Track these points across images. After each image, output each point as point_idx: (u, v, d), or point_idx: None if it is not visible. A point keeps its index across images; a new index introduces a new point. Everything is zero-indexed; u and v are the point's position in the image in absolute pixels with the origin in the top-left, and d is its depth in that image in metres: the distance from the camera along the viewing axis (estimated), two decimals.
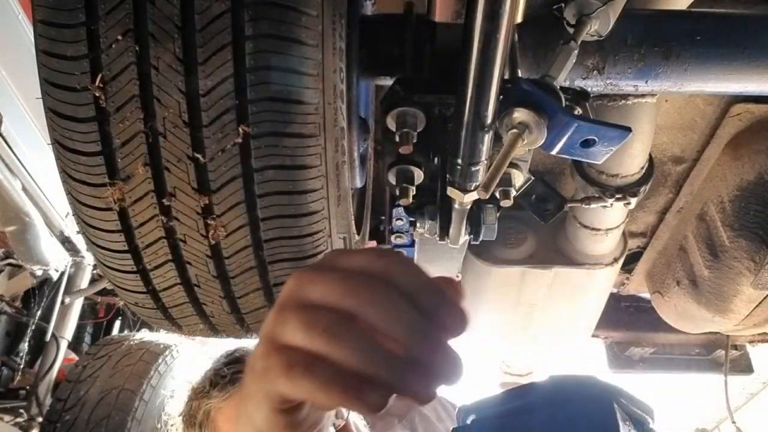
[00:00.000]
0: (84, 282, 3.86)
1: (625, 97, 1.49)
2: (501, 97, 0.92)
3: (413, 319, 0.46)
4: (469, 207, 1.34)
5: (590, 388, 0.52)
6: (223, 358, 1.38)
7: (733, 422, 3.36)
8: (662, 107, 1.83)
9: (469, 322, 0.48)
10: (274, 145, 0.86)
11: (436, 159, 1.23)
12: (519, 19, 0.89)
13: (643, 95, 1.48)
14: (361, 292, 0.47)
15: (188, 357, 3.14)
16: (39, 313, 3.48)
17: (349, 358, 0.45)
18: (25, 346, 3.42)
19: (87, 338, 4.58)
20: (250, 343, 1.41)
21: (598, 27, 1.08)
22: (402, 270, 0.49)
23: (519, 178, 1.24)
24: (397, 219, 1.98)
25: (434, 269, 2.31)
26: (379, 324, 0.46)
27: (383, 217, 2.21)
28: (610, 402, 0.50)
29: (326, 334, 0.46)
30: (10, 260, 3.32)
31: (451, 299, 0.48)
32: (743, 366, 3.38)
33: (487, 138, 0.99)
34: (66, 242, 3.34)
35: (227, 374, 1.32)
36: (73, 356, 3.90)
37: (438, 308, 0.47)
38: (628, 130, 0.91)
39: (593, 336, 3.25)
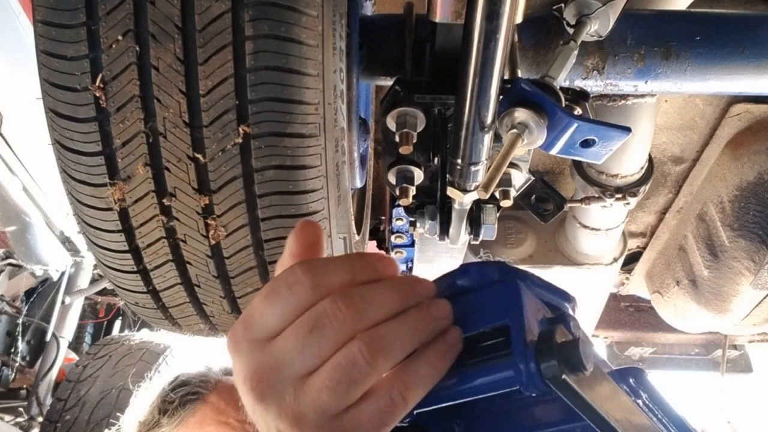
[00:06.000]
0: (84, 282, 3.86)
1: (624, 97, 1.49)
2: (501, 97, 0.92)
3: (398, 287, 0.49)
4: (469, 207, 1.35)
5: (492, 273, 0.52)
6: (168, 385, 1.31)
7: (728, 422, 3.37)
8: (662, 107, 1.84)
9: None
10: (275, 146, 0.86)
11: (436, 159, 1.23)
12: (519, 19, 0.89)
13: (642, 95, 1.48)
14: (323, 327, 0.47)
15: (186, 358, 3.15)
16: (26, 309, 3.49)
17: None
18: (21, 346, 3.42)
19: (87, 338, 4.59)
20: (190, 368, 1.38)
21: (598, 27, 1.09)
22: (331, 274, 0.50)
23: (519, 178, 1.24)
24: (397, 219, 1.98)
25: (434, 269, 2.32)
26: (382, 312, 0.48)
27: (383, 217, 2.21)
28: (515, 283, 0.49)
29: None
30: (10, 260, 3.32)
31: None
32: (743, 365, 3.39)
33: (487, 138, 0.99)
34: (66, 242, 3.34)
35: (175, 399, 1.25)
36: (74, 356, 3.90)
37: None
38: (628, 130, 0.91)
39: (593, 336, 3.26)
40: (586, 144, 0.94)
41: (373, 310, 0.47)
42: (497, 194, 1.24)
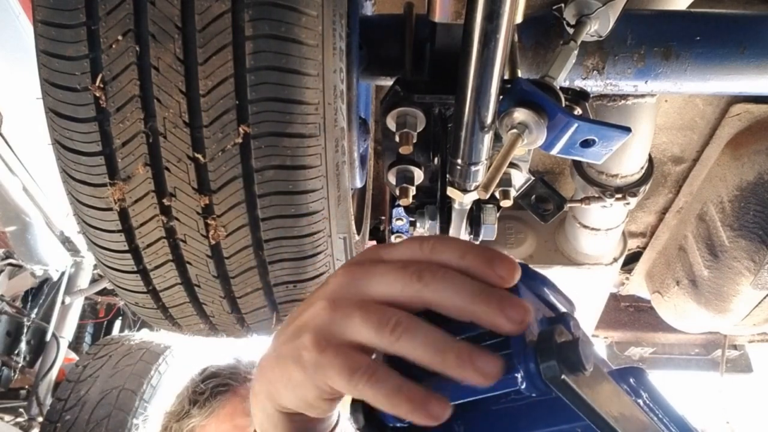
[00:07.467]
0: (84, 282, 3.85)
1: (624, 97, 1.49)
2: (501, 97, 0.92)
3: (473, 285, 0.47)
4: (469, 207, 1.35)
5: None
6: (198, 376, 1.34)
7: (727, 422, 3.37)
8: (662, 107, 1.84)
9: (518, 266, 0.49)
10: (275, 145, 0.86)
11: (436, 159, 1.23)
12: (519, 19, 0.89)
13: (642, 95, 1.48)
14: (422, 276, 0.47)
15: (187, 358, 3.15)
16: (30, 310, 3.48)
17: (418, 353, 0.46)
18: (23, 346, 3.42)
19: (87, 338, 4.59)
20: (219, 360, 1.39)
21: (598, 27, 1.09)
22: (447, 245, 0.50)
23: (519, 178, 1.24)
24: (397, 219, 1.98)
25: None
26: (446, 302, 0.46)
27: (383, 217, 2.21)
28: (515, 284, 0.49)
29: (396, 332, 0.46)
30: (10, 260, 3.31)
31: (496, 253, 0.48)
32: (743, 366, 3.39)
33: (487, 138, 0.99)
34: (66, 242, 3.33)
35: (205, 390, 1.28)
36: (74, 356, 3.90)
37: (489, 266, 0.47)
38: (628, 130, 0.91)
39: (593, 336, 3.26)
40: (586, 144, 0.94)
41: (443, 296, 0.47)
42: (497, 194, 1.24)
